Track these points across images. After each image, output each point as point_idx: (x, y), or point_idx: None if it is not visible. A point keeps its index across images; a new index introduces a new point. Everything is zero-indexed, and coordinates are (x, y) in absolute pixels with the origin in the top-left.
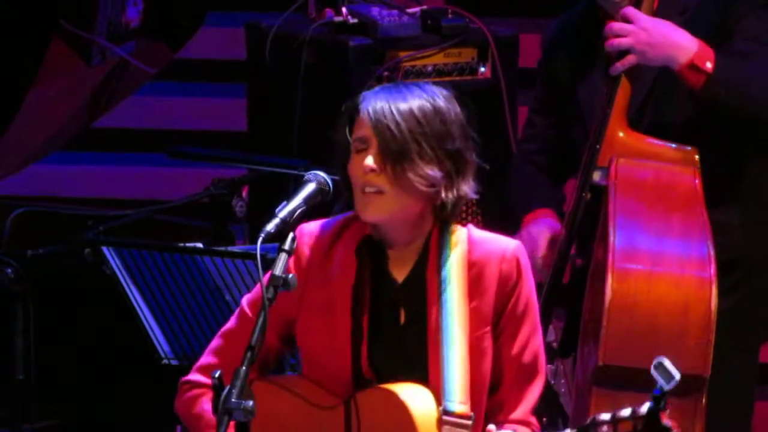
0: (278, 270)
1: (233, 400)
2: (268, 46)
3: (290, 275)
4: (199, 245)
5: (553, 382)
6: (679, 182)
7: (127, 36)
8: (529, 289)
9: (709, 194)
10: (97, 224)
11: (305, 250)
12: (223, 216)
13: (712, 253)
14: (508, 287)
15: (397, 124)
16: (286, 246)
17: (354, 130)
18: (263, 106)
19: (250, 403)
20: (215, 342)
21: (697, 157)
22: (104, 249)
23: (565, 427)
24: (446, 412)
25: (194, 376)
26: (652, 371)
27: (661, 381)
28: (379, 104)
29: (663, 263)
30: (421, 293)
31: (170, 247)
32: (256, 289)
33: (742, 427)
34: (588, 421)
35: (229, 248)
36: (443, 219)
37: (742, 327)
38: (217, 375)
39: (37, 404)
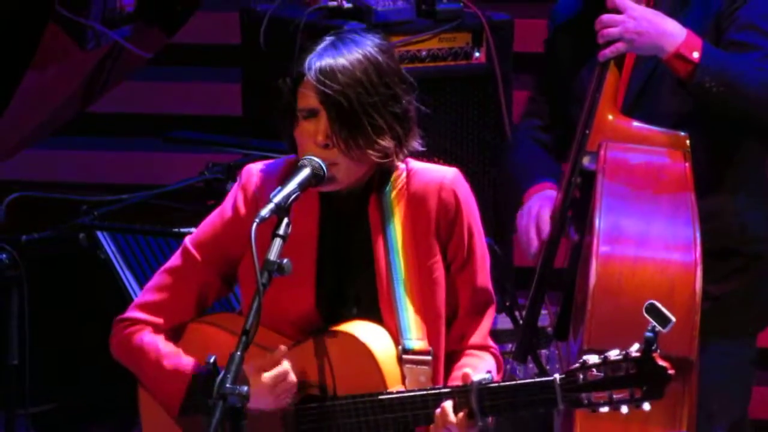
0: (273, 255)
1: (228, 385)
2: (262, 30)
3: (285, 260)
4: (194, 230)
5: (548, 367)
6: (667, 166)
7: (122, 20)
8: (471, 215)
9: (703, 182)
10: (92, 209)
11: (253, 190)
12: (218, 200)
13: (697, 236)
14: (449, 215)
15: (347, 96)
16: (281, 231)
17: (299, 97)
18: (258, 90)
19: (245, 388)
20: (158, 279)
21: (688, 142)
22: (99, 234)
23: (558, 414)
24: (405, 351)
25: (134, 313)
26: (645, 314)
27: (654, 323)
28: (324, 72)
29: (648, 247)
30: (365, 230)
31: (165, 232)
32: (202, 228)
33: (739, 412)
34: (578, 364)
35: None
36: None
37: (739, 313)
38: (211, 360)
39: (31, 389)
